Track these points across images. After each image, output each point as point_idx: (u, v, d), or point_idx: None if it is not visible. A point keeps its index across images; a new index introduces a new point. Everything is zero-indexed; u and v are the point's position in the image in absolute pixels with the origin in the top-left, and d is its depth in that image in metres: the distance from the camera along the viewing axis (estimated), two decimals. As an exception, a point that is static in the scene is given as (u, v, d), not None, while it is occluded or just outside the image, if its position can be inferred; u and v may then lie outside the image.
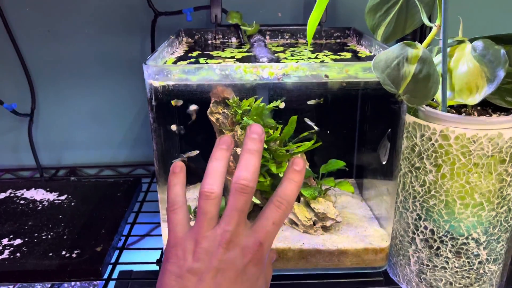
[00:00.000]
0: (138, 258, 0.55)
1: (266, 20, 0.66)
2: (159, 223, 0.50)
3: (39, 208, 0.61)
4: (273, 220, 0.35)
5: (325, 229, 0.48)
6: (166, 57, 0.48)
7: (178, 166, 0.39)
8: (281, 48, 0.55)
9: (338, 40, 0.60)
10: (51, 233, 0.55)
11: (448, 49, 0.43)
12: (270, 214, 0.35)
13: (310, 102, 0.48)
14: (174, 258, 0.35)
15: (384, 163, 0.48)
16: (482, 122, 0.39)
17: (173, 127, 0.45)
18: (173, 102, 0.44)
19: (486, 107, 0.44)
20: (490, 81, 0.39)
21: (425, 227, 0.43)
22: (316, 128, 0.49)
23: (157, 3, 0.65)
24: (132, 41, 0.69)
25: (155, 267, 0.53)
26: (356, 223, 0.50)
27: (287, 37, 0.60)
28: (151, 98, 0.40)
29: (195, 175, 0.49)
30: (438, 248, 0.43)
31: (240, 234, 0.34)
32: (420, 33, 0.67)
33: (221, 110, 0.49)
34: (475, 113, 0.43)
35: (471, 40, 0.42)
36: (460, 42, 0.43)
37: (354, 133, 0.57)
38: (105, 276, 0.51)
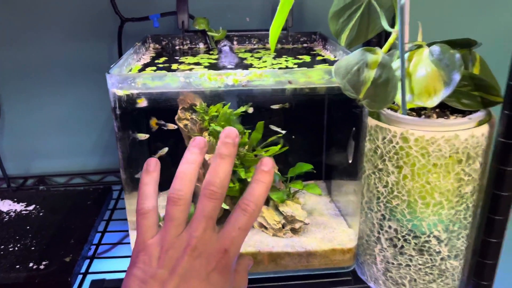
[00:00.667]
0: (110, 267, 0.54)
1: (235, 24, 0.66)
2: (129, 231, 0.50)
3: (6, 219, 0.59)
4: (239, 225, 0.35)
5: (294, 231, 0.48)
6: (132, 65, 0.48)
7: (153, 164, 0.37)
8: (249, 54, 0.56)
9: (305, 45, 0.61)
10: (18, 245, 0.54)
11: (408, 54, 0.44)
12: (236, 219, 0.35)
13: (275, 107, 0.49)
14: (140, 263, 0.34)
15: (350, 161, 0.49)
16: (439, 124, 0.40)
17: (141, 136, 0.45)
18: (139, 101, 0.43)
19: (444, 109, 0.45)
20: (447, 84, 0.41)
21: (389, 227, 0.45)
22: (282, 132, 0.50)
23: (123, 9, 0.64)
24: (100, 48, 0.68)
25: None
26: (325, 224, 0.51)
27: (254, 42, 0.61)
28: (115, 107, 0.40)
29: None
30: (402, 246, 0.45)
31: (206, 241, 0.34)
32: (386, 37, 0.69)
33: (189, 116, 0.49)
34: (434, 115, 0.44)
35: (429, 45, 0.44)
36: (419, 46, 0.45)
37: (322, 136, 0.58)
38: (75, 287, 0.50)
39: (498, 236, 0.42)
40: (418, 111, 0.45)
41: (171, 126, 0.49)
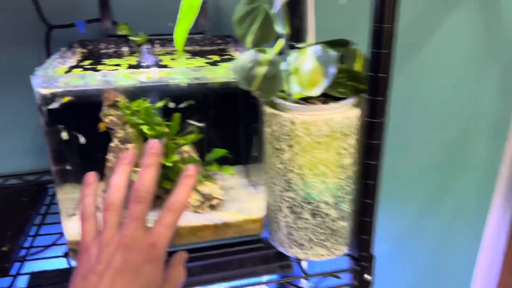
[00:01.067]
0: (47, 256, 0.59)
1: (159, 29, 0.73)
2: (63, 219, 0.55)
3: None
4: (165, 222, 0.42)
5: (212, 207, 0.56)
6: (57, 68, 0.53)
7: (91, 177, 0.45)
8: (169, 56, 0.63)
9: (221, 47, 0.69)
10: (-45, 241, 0.57)
11: (298, 53, 0.53)
12: (162, 217, 0.43)
13: (182, 105, 0.56)
14: (82, 261, 0.41)
15: (256, 154, 0.58)
16: (318, 109, 0.50)
17: (64, 136, 0.51)
18: (65, 99, 0.49)
19: (327, 97, 0.55)
20: (326, 77, 0.50)
21: (288, 197, 0.53)
22: (199, 124, 0.58)
23: (50, 16, 0.69)
24: (29, 54, 0.72)
25: (63, 262, 0.58)
26: (239, 200, 0.59)
27: (174, 44, 0.68)
28: (41, 104, 0.45)
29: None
30: (299, 212, 0.54)
31: (136, 238, 0.41)
32: (297, 35, 0.78)
33: (114, 112, 0.56)
34: (319, 102, 0.54)
35: (315, 45, 0.53)
36: (307, 46, 0.54)
37: (238, 125, 0.66)
38: (13, 274, 0.54)
39: (372, 198, 0.53)
40: (307, 100, 0.54)
41: (120, 132, 0.55)
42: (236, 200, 0.59)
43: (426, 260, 1.11)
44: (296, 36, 0.78)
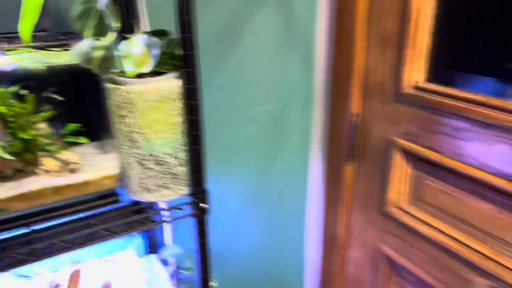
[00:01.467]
0: None
1: (3, 29, 0.80)
2: None
3: None
4: None
5: (72, 171, 0.68)
6: None
7: None
8: (16, 52, 0.72)
9: (64, 42, 0.80)
10: None
11: (129, 41, 0.69)
12: None
13: (46, 95, 0.67)
14: None
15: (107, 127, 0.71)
16: (149, 81, 0.66)
17: None
18: None
19: (157, 73, 0.72)
20: (152, 57, 0.67)
21: (136, 153, 0.69)
22: (60, 98, 0.69)
23: None
24: None
25: None
26: (96, 164, 0.72)
27: (20, 42, 0.77)
28: None
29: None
30: (145, 164, 0.69)
31: None
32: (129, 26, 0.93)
33: (-31, 100, 0.63)
34: (150, 77, 0.70)
35: (142, 34, 0.70)
36: (135, 35, 0.70)
37: (88, 103, 0.78)
38: None
39: (198, 145, 0.71)
40: (141, 76, 0.70)
41: None
42: (93, 164, 0.72)
43: (269, 209, 1.37)
44: (133, 30, 0.94)
